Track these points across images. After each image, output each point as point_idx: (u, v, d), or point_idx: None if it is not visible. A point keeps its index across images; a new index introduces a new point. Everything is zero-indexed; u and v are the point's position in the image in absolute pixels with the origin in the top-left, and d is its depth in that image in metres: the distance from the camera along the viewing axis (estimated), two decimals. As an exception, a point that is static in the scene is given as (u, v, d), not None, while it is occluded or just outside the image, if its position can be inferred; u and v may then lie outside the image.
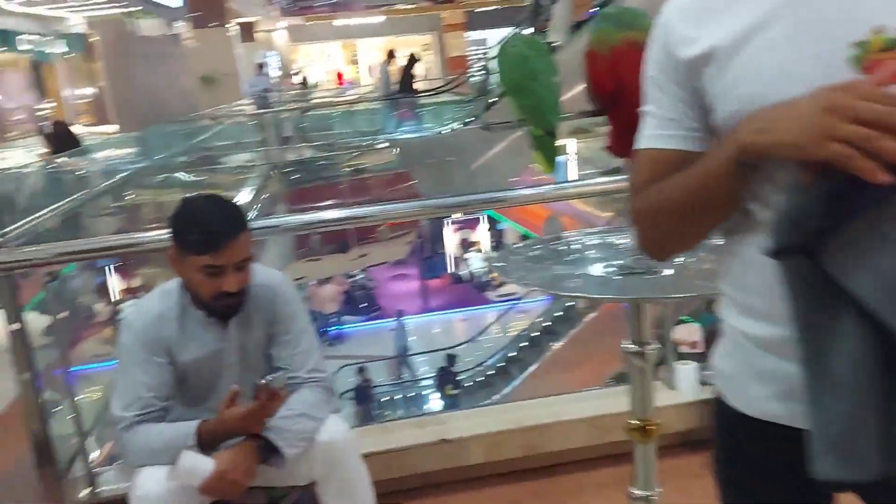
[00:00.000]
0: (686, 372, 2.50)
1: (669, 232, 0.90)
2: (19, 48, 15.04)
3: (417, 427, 2.42)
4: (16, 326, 2.26)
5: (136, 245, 2.36)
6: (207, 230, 1.66)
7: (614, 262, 1.53)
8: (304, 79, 21.13)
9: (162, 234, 2.16)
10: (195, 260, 1.67)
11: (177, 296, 1.78)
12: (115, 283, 6.64)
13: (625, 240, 1.61)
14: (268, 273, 1.88)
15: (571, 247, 1.67)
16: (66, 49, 16.30)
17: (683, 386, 2.50)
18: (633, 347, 1.52)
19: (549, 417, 2.41)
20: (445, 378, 9.87)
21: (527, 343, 10.98)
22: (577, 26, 9.85)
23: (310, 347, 1.86)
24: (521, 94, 1.36)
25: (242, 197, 8.17)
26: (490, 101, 11.02)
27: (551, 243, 1.68)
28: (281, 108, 13.98)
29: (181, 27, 14.16)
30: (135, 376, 1.74)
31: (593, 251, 1.65)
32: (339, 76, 24.87)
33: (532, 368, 10.30)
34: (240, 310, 1.78)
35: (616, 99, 1.27)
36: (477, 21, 22.02)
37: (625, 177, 2.69)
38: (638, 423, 1.53)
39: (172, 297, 1.79)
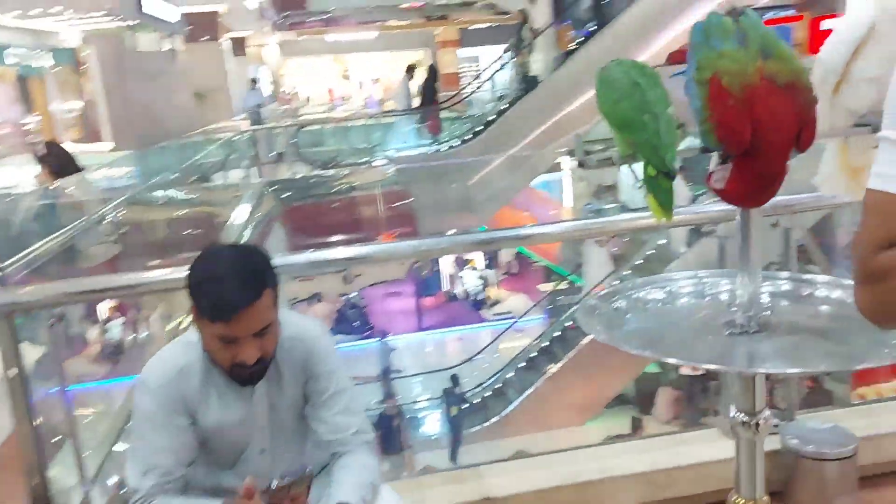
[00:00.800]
0: (746, 419, 2.30)
1: None
2: (6, 62, 14.75)
3: (456, 482, 2.21)
4: (14, 372, 2.04)
5: (140, 285, 2.16)
6: (219, 297, 1.45)
7: (715, 317, 1.34)
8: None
9: (166, 273, 2.01)
10: (209, 326, 1.48)
11: (201, 349, 1.58)
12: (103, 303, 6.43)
13: (726, 288, 1.42)
14: (301, 323, 1.67)
15: (659, 296, 1.47)
16: (54, 62, 16.03)
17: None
18: (741, 416, 1.31)
19: (601, 472, 2.20)
20: (451, 399, 9.67)
21: (525, 363, 10.77)
22: (562, 57, 9.83)
23: (352, 405, 1.66)
24: (633, 129, 1.16)
25: (237, 215, 7.98)
26: (489, 119, 10.93)
27: (634, 291, 1.48)
28: (274, 124, 13.78)
29: (177, 42, 13.93)
30: (153, 441, 1.54)
31: (686, 300, 1.46)
32: (330, 91, 24.66)
33: (531, 390, 10.10)
34: (262, 377, 1.57)
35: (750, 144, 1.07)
36: (470, 38, 21.92)
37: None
38: (745, 502, 1.33)
39: (196, 350, 1.58)
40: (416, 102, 12.69)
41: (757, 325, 1.27)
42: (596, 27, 9.77)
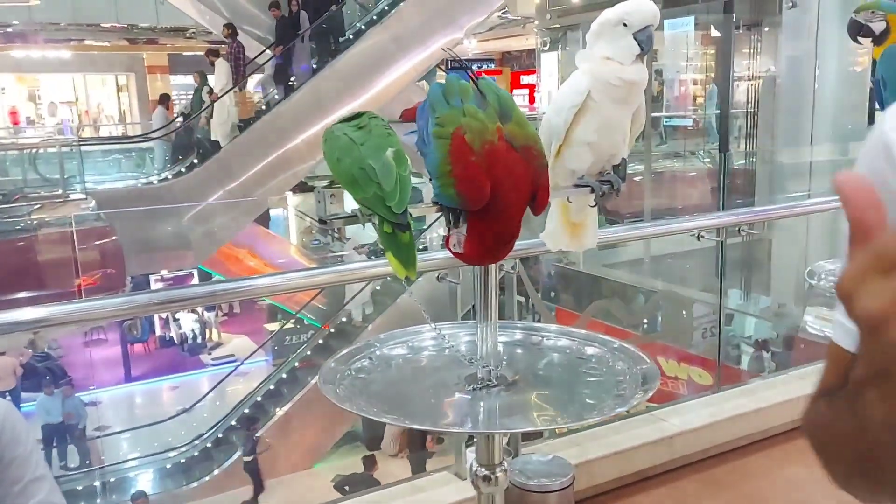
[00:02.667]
0: (476, 458, 2.36)
1: (851, 483, 0.57)
2: None
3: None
4: None
5: None
6: None
7: (457, 371, 1.33)
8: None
9: None
10: None
11: None
12: None
13: (466, 339, 1.43)
14: (-16, 403, 1.36)
15: (402, 351, 1.43)
16: None
17: (474, 474, 2.36)
18: (482, 471, 1.31)
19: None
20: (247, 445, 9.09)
21: (249, 409, 10.31)
22: (244, 124, 9.83)
23: (52, 496, 1.37)
24: (359, 187, 1.12)
25: None
26: (201, 151, 10.37)
27: (376, 349, 1.42)
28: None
29: None
30: None
31: (428, 353, 1.44)
32: (13, 114, 21.78)
33: (258, 434, 9.68)
34: None
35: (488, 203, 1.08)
36: (180, 65, 20.84)
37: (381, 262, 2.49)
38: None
39: None
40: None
41: (496, 378, 1.29)
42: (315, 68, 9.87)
